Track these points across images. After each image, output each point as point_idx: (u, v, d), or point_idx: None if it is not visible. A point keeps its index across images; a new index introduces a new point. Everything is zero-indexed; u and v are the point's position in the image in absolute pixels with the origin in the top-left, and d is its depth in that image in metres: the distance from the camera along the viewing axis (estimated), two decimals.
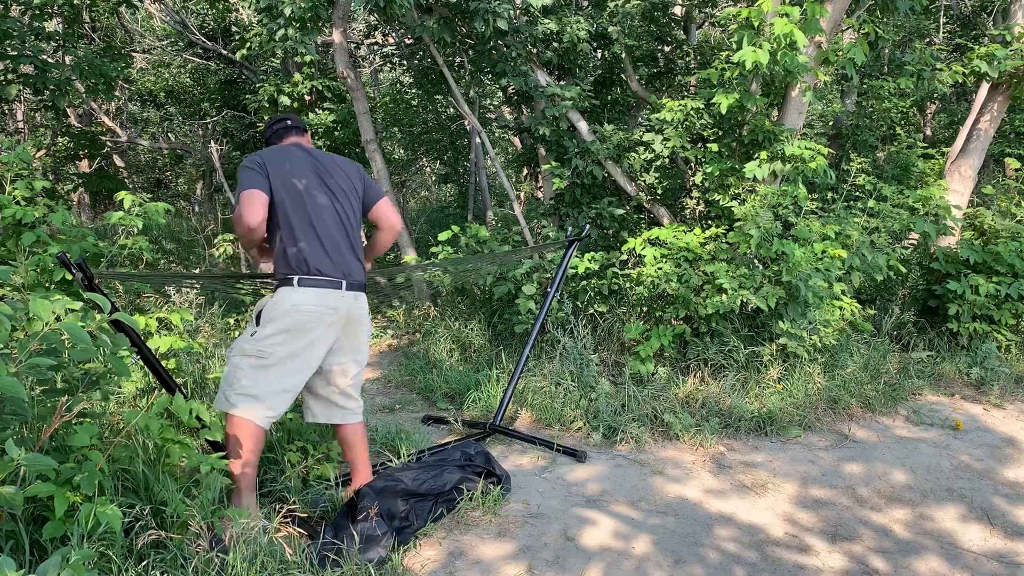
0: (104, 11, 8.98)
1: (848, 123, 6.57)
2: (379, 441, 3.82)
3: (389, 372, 5.23)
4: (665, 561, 2.78)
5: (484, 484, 3.15)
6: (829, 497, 3.33)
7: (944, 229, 5.31)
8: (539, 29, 5.32)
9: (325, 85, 7.07)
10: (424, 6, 5.37)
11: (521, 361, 4.13)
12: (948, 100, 9.69)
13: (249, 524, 2.45)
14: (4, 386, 1.84)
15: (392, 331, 6.11)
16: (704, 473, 3.56)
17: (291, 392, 2.82)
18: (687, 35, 6.72)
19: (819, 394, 4.29)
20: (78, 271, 2.63)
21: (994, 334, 5.08)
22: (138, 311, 4.24)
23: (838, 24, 4.76)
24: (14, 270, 3.38)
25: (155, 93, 11.23)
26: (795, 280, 4.22)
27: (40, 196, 3.89)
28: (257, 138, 9.31)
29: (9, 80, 6.16)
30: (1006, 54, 5.36)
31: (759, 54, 4.09)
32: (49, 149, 10.23)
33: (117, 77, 7.06)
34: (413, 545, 2.82)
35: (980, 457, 3.78)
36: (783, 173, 4.55)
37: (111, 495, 2.35)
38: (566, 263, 4.31)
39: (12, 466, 1.91)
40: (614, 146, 5.50)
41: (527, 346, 4.16)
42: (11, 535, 2.15)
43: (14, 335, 2.30)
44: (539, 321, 4.22)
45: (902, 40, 8.44)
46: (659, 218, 5.55)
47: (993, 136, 5.91)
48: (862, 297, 5.37)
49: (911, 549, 2.90)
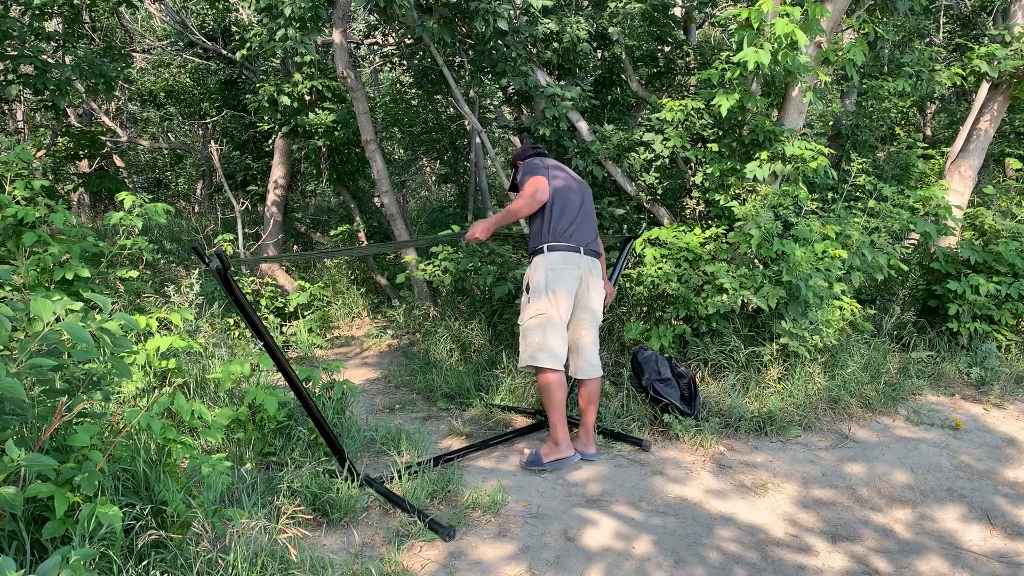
0: (104, 11, 8.98)
1: (848, 123, 6.57)
2: (379, 441, 3.82)
3: (389, 372, 5.23)
4: (666, 561, 2.77)
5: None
6: (830, 497, 3.33)
7: (944, 229, 5.31)
8: (539, 29, 5.31)
9: (325, 85, 7.07)
10: (424, 6, 5.37)
11: None
12: (948, 100, 9.69)
13: (251, 524, 2.45)
14: (4, 386, 1.84)
15: (392, 331, 6.11)
16: (704, 473, 3.55)
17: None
18: (687, 35, 6.71)
19: (819, 394, 4.29)
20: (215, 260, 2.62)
21: (994, 334, 5.08)
22: (138, 311, 4.24)
23: (838, 24, 4.76)
24: (14, 270, 3.38)
25: (155, 93, 11.23)
26: (795, 280, 4.22)
27: (40, 196, 3.89)
28: (257, 138, 9.30)
29: (9, 80, 6.16)
30: (1006, 54, 5.35)
31: (760, 54, 4.08)
32: (49, 149, 10.23)
33: (117, 77, 7.05)
34: (413, 545, 2.83)
35: (980, 457, 3.78)
36: (783, 173, 4.55)
37: (111, 495, 2.35)
38: (623, 261, 4.41)
39: (12, 466, 1.91)
40: (614, 146, 5.50)
41: None
42: (12, 535, 2.15)
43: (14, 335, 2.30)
44: None
45: (902, 40, 8.43)
46: (659, 218, 5.55)
47: (993, 136, 5.90)
48: (862, 297, 5.37)
49: (912, 549, 2.90)
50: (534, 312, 3.55)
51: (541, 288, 3.54)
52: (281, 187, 7.58)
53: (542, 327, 3.54)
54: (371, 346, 5.99)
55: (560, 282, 3.54)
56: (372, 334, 6.14)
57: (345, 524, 2.97)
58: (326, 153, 7.42)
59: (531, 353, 3.55)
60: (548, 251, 3.57)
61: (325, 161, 7.48)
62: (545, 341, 3.53)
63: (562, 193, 3.66)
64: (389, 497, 3.10)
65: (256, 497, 2.94)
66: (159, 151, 13.38)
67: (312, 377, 3.72)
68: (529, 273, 3.63)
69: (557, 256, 3.57)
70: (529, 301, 3.58)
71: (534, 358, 3.54)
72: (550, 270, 3.55)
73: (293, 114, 7.02)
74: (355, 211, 7.72)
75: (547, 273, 3.55)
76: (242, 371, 3.67)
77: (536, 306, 3.55)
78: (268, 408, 3.35)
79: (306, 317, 6.11)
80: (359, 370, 5.38)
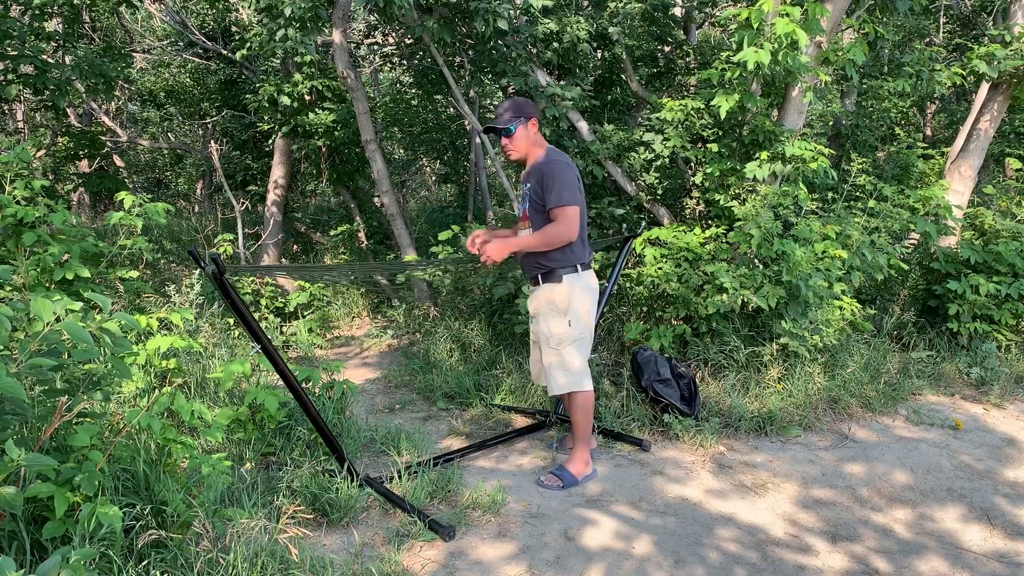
0: (104, 11, 8.98)
1: (848, 123, 6.56)
2: (379, 441, 3.83)
3: (389, 372, 5.23)
4: (666, 561, 2.77)
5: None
6: (830, 497, 3.33)
7: (944, 229, 5.31)
8: (539, 29, 5.31)
9: (325, 85, 7.07)
10: (424, 6, 5.37)
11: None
12: (948, 100, 9.69)
13: (251, 524, 2.45)
14: (4, 386, 1.84)
15: (392, 331, 6.11)
16: (704, 473, 3.55)
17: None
18: (687, 35, 6.71)
19: (819, 394, 4.29)
20: (211, 264, 2.63)
21: (994, 334, 5.08)
22: (138, 311, 4.24)
23: (838, 24, 4.76)
24: (14, 270, 3.38)
25: (155, 93, 11.23)
26: (795, 280, 4.22)
27: (40, 196, 3.88)
28: (257, 138, 9.30)
29: (9, 80, 6.16)
30: (1006, 54, 5.35)
31: (760, 54, 4.08)
32: (49, 149, 10.23)
33: (117, 77, 7.05)
34: (413, 545, 2.83)
35: (980, 457, 3.78)
36: (783, 173, 4.55)
37: (111, 495, 2.35)
38: (622, 260, 4.38)
39: (12, 466, 1.91)
40: (614, 146, 5.50)
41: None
42: (12, 535, 2.15)
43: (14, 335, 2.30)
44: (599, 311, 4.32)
45: (902, 40, 8.43)
46: (659, 218, 5.55)
47: (993, 136, 5.90)
48: (862, 297, 5.37)
49: (912, 549, 2.90)
50: (577, 335, 3.36)
51: (583, 311, 3.36)
52: (281, 187, 7.58)
53: (580, 350, 3.39)
54: (371, 346, 5.99)
55: (595, 303, 3.45)
56: (372, 334, 6.14)
57: (345, 524, 2.97)
58: (326, 153, 7.42)
59: (576, 379, 3.38)
60: (582, 269, 3.35)
61: (325, 161, 7.48)
62: (584, 363, 3.41)
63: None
64: (389, 497, 3.10)
65: (256, 497, 2.94)
66: (159, 151, 13.38)
67: (312, 377, 3.72)
68: (560, 294, 3.32)
69: (589, 275, 3.42)
70: (570, 324, 3.34)
71: (580, 384, 3.39)
72: (590, 291, 3.39)
73: (293, 114, 7.02)
74: (355, 211, 7.72)
75: (587, 295, 3.37)
76: (242, 371, 3.67)
77: (578, 328, 3.36)
78: (268, 408, 3.35)
79: (306, 317, 6.11)
80: (359, 370, 5.38)
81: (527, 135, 3.31)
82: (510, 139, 3.30)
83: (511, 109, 3.28)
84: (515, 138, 3.30)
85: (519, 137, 3.30)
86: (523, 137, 3.30)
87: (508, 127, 3.27)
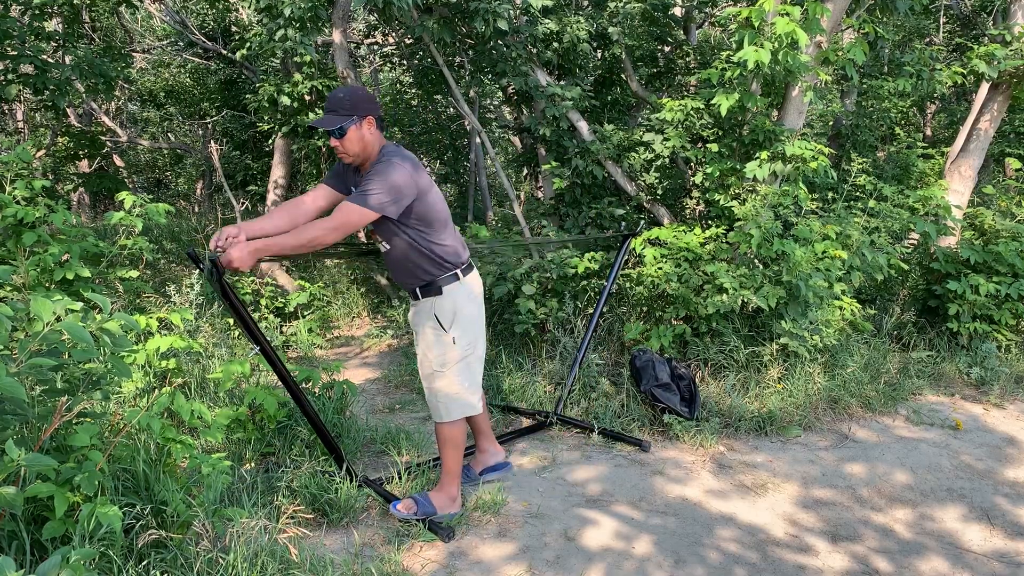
0: (104, 11, 8.98)
1: (848, 123, 6.56)
2: (379, 441, 3.82)
3: (389, 372, 5.23)
4: (666, 561, 2.77)
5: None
6: (830, 497, 3.33)
7: (944, 229, 5.31)
8: (539, 29, 5.31)
9: (325, 85, 7.06)
10: (424, 6, 5.36)
11: (580, 352, 4.25)
12: (948, 100, 9.68)
13: (251, 524, 2.45)
14: (4, 386, 1.84)
15: (392, 331, 6.11)
16: (704, 473, 3.55)
17: None
18: (687, 35, 6.71)
19: (819, 394, 4.29)
20: (209, 264, 2.63)
21: (994, 334, 5.08)
22: (138, 311, 4.24)
23: (838, 24, 4.76)
24: (14, 270, 3.38)
25: (155, 93, 11.23)
26: (795, 280, 4.22)
27: (40, 196, 3.88)
28: (257, 138, 9.31)
29: (9, 80, 6.16)
30: (1006, 54, 5.35)
31: (761, 54, 4.08)
32: (49, 149, 10.23)
33: (117, 77, 7.05)
34: (413, 545, 2.82)
35: (980, 457, 3.78)
36: (783, 173, 4.55)
37: (111, 495, 2.35)
38: (621, 258, 4.38)
39: (12, 466, 1.91)
40: (614, 146, 5.50)
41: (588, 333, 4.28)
42: (12, 535, 2.15)
43: (14, 335, 2.30)
44: (598, 310, 4.34)
45: (902, 40, 8.43)
46: (659, 218, 5.55)
47: (993, 136, 5.90)
48: (862, 297, 5.37)
49: (913, 549, 2.90)
50: (463, 352, 2.97)
51: (470, 318, 2.99)
52: (281, 187, 7.58)
53: (469, 366, 3.02)
54: (371, 346, 5.98)
55: (482, 308, 3.10)
56: (372, 334, 6.14)
57: (345, 524, 2.97)
58: (326, 153, 7.42)
59: (465, 402, 3.01)
60: (463, 274, 2.97)
61: (325, 161, 7.47)
62: (473, 382, 3.03)
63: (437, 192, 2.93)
64: (388, 498, 3.09)
65: (256, 497, 2.94)
66: (159, 151, 13.38)
67: (312, 377, 3.72)
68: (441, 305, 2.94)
69: (472, 278, 3.02)
70: (455, 341, 2.94)
71: (465, 408, 3.02)
72: (474, 294, 3.02)
73: (293, 114, 7.02)
74: None
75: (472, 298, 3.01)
76: (242, 371, 3.67)
77: (464, 343, 2.97)
78: (268, 408, 3.35)
79: (306, 317, 6.11)
80: (359, 370, 5.38)
81: (361, 136, 2.81)
82: (340, 142, 2.80)
83: (344, 106, 2.77)
84: (347, 140, 2.80)
85: (352, 139, 2.80)
86: (357, 139, 2.80)
87: (339, 127, 2.75)
